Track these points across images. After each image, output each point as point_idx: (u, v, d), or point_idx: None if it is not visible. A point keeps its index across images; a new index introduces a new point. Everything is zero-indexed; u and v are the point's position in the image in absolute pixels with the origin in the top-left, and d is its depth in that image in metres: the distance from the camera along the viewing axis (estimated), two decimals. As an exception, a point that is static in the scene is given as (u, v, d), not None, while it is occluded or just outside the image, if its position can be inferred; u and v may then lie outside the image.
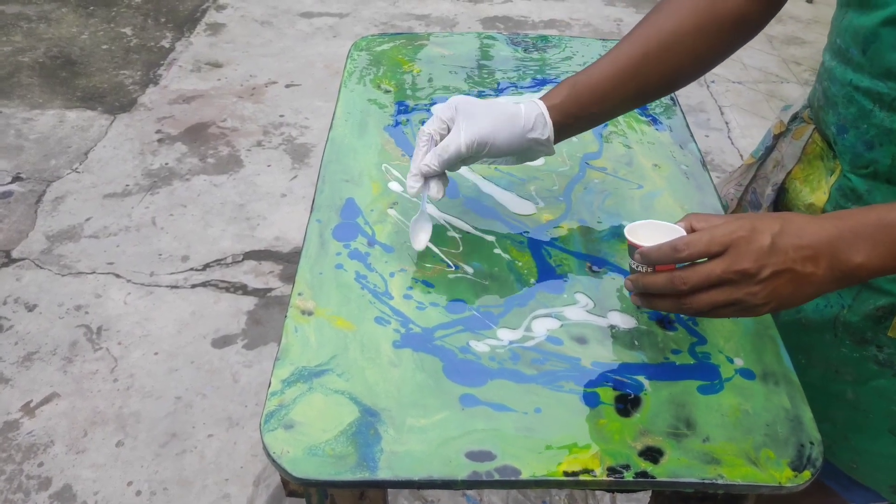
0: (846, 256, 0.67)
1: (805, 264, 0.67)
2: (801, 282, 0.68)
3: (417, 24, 3.68)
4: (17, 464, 1.73)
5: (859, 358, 0.88)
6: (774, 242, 0.67)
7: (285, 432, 0.72)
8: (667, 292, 0.71)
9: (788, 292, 0.68)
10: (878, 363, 0.87)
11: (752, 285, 0.68)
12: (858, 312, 0.87)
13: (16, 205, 2.50)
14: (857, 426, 0.92)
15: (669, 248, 0.70)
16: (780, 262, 0.67)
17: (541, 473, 0.70)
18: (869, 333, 0.87)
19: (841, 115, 0.85)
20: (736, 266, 0.67)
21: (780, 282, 0.67)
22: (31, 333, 2.05)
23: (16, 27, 3.52)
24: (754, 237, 0.67)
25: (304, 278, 0.89)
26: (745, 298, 0.68)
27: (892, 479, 0.94)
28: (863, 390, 0.90)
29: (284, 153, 2.77)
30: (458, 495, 1.60)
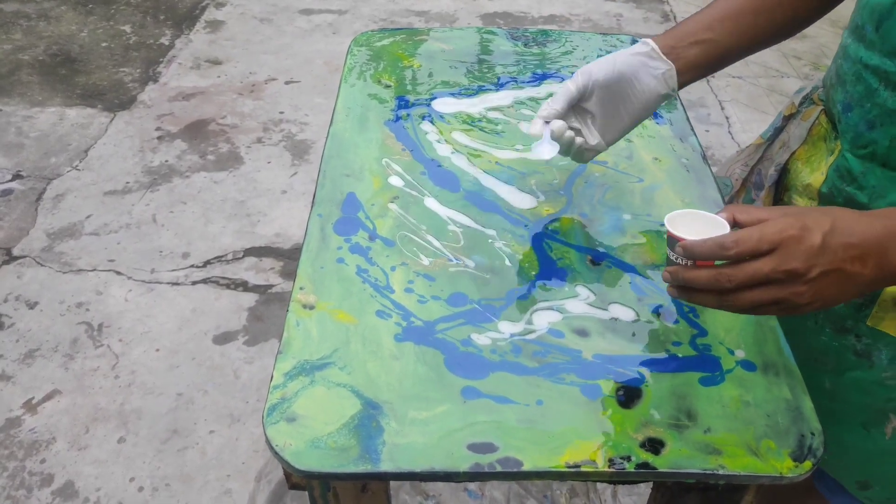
0: (894, 256, 0.66)
1: (854, 263, 0.66)
2: (847, 281, 0.67)
3: (417, 20, 3.68)
4: (19, 460, 1.73)
5: (839, 347, 0.88)
6: (825, 242, 0.65)
7: (288, 425, 0.72)
8: (710, 288, 0.69)
9: (834, 292, 0.67)
10: (856, 353, 0.87)
11: (800, 285, 0.66)
12: None
13: (16, 202, 2.50)
14: (833, 417, 0.91)
15: (716, 246, 0.67)
16: (830, 262, 0.65)
17: (543, 465, 0.70)
18: (849, 322, 0.87)
19: (848, 93, 0.84)
20: (785, 266, 0.65)
21: (827, 281, 0.66)
22: (32, 331, 2.05)
23: (15, 25, 3.52)
24: (805, 236, 0.65)
25: (305, 272, 0.89)
26: (790, 298, 0.67)
27: (859, 475, 0.94)
28: (840, 381, 0.90)
29: (284, 150, 2.77)
30: (460, 490, 1.60)
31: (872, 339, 0.85)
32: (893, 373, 0.85)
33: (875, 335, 0.85)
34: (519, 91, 1.25)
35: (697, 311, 0.86)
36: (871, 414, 0.89)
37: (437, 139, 1.12)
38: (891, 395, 0.87)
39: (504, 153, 1.11)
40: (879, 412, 0.89)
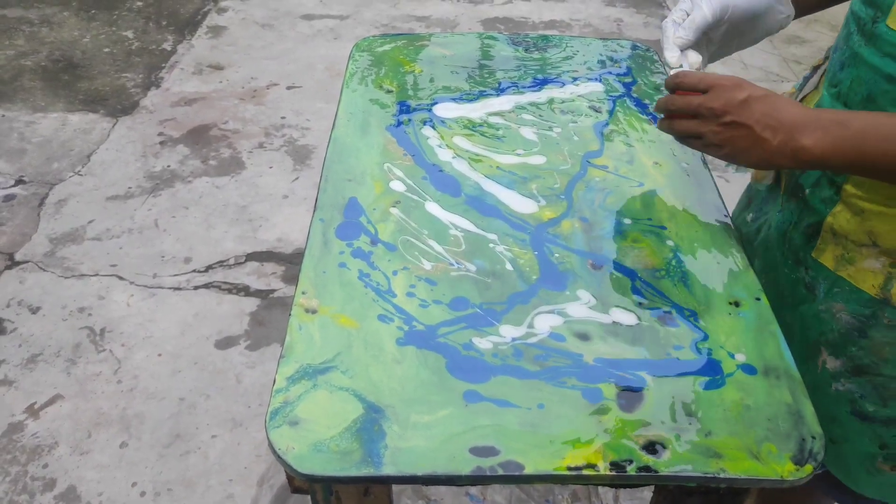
0: (798, 138, 0.78)
1: (764, 130, 0.79)
2: (755, 142, 0.80)
3: (418, 26, 3.69)
4: (21, 465, 1.73)
5: (795, 280, 0.97)
6: (748, 101, 0.80)
7: (290, 429, 0.73)
8: (662, 109, 0.89)
9: (743, 146, 0.81)
10: (806, 286, 0.95)
11: (715, 125, 0.82)
12: (798, 229, 0.95)
13: (19, 208, 2.50)
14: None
15: (672, 76, 0.88)
16: (744, 117, 0.80)
17: (544, 468, 0.70)
18: (801, 253, 0.95)
19: (839, 36, 0.92)
20: (708, 103, 0.82)
21: (738, 133, 0.81)
22: (34, 336, 2.05)
23: (18, 31, 3.53)
24: (734, 89, 0.81)
25: (307, 277, 0.90)
26: (707, 134, 0.83)
27: None
28: (794, 315, 0.97)
29: (286, 155, 2.78)
30: (462, 494, 1.60)
31: (815, 271, 0.93)
32: (827, 306, 0.92)
33: (817, 268, 0.93)
34: (520, 96, 1.25)
35: (699, 316, 0.87)
36: (809, 347, 0.96)
37: (439, 144, 1.13)
38: (823, 329, 0.93)
39: (505, 158, 1.11)
40: (813, 345, 0.95)
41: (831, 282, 0.91)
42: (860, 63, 0.85)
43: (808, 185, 0.94)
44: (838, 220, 0.89)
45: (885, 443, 0.94)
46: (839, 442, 0.97)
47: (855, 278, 0.89)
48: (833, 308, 0.91)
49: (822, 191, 0.91)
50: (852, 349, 0.91)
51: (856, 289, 0.89)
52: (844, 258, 0.89)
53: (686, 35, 0.95)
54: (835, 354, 0.93)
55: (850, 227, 0.88)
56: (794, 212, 0.96)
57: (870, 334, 0.89)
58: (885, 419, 0.92)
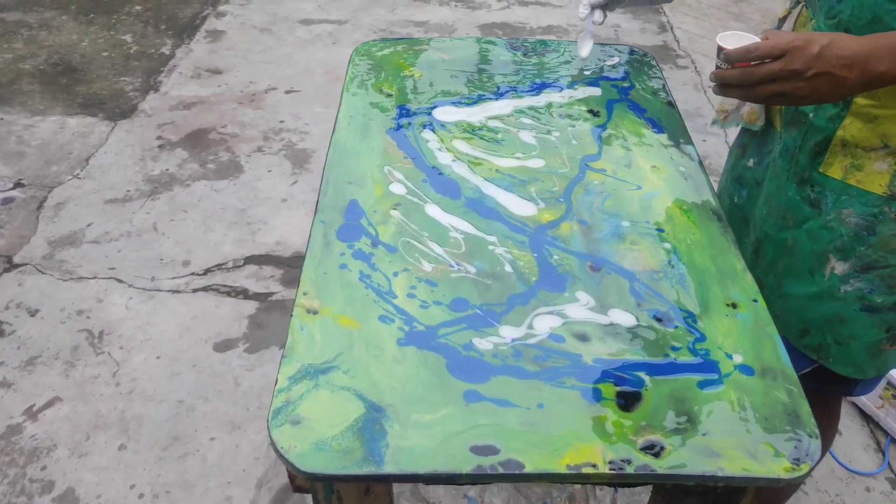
0: (873, 66, 0.86)
1: (842, 70, 0.86)
2: (837, 83, 0.87)
3: (416, 31, 3.70)
4: (20, 467, 1.73)
5: (799, 200, 1.07)
6: (822, 51, 0.86)
7: (292, 428, 0.73)
8: (739, 83, 0.92)
9: (827, 90, 0.88)
10: (811, 204, 1.05)
11: (800, 82, 0.88)
12: (805, 150, 1.04)
13: (17, 211, 2.51)
14: (790, 271, 1.10)
15: (744, 50, 0.91)
16: (823, 66, 0.86)
17: (544, 467, 0.71)
18: (807, 172, 1.05)
19: None
20: (790, 66, 0.87)
21: (821, 81, 0.87)
22: (33, 338, 2.05)
23: (17, 35, 3.54)
24: (807, 46, 0.87)
25: (309, 278, 0.91)
26: (792, 91, 0.89)
27: (800, 323, 1.11)
28: (798, 234, 1.08)
29: (285, 158, 2.79)
30: (460, 497, 1.61)
31: (822, 185, 1.03)
32: (836, 215, 1.03)
33: (824, 181, 1.03)
34: (519, 100, 1.26)
35: (696, 317, 0.88)
36: (816, 258, 1.06)
37: (438, 147, 1.14)
38: (832, 237, 1.04)
39: (504, 161, 1.12)
40: (822, 255, 1.05)
41: (839, 191, 1.02)
42: None
43: (810, 109, 1.03)
44: (849, 131, 0.99)
45: (891, 326, 1.06)
46: (846, 342, 1.08)
47: (863, 182, 1.00)
48: (842, 215, 1.02)
49: (825, 111, 1.01)
50: (860, 248, 1.02)
51: (863, 192, 1.00)
52: (853, 166, 1.00)
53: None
54: (844, 258, 1.04)
55: (861, 134, 0.98)
56: (797, 137, 1.05)
57: (878, 230, 1.00)
58: (892, 305, 1.05)
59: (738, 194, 1.24)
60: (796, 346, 1.12)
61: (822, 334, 1.09)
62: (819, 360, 1.11)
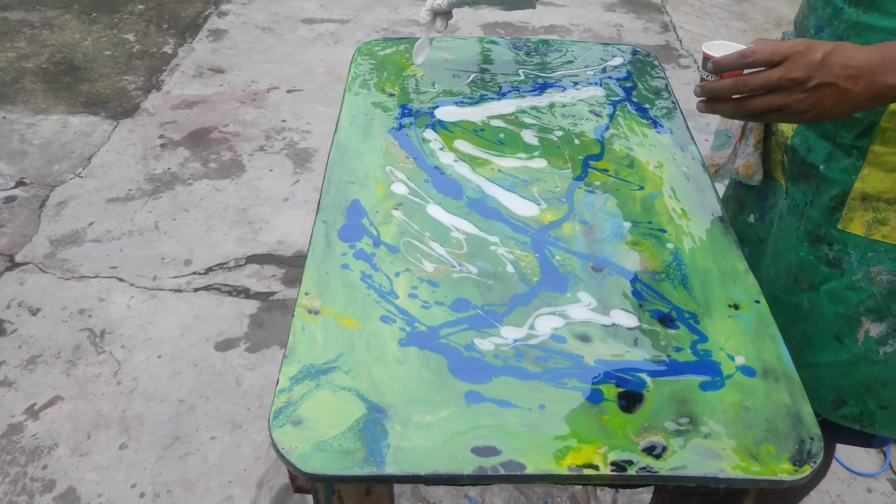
0: (882, 78, 0.78)
1: (847, 81, 0.78)
2: (841, 96, 0.79)
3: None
4: (21, 466, 1.73)
5: (814, 261, 0.98)
6: (825, 59, 0.78)
7: (293, 428, 0.73)
8: (730, 93, 0.83)
9: (830, 104, 0.80)
10: (829, 263, 0.97)
11: (800, 93, 0.79)
12: (817, 205, 0.97)
13: (19, 209, 2.51)
14: (808, 339, 1.00)
15: (738, 55, 0.82)
16: (827, 76, 0.78)
17: (545, 468, 0.71)
18: (823, 229, 0.97)
19: (819, 17, 0.94)
20: (790, 74, 0.79)
21: (824, 93, 0.79)
22: (34, 337, 2.05)
23: (19, 33, 3.54)
24: (809, 52, 0.78)
25: (310, 278, 0.90)
26: (792, 104, 0.80)
27: (834, 393, 1.01)
28: (815, 297, 0.99)
29: (286, 158, 2.79)
30: (461, 497, 1.61)
31: (842, 243, 0.95)
32: (863, 274, 0.94)
33: (844, 238, 0.95)
34: (521, 100, 1.26)
35: (698, 318, 0.87)
36: (844, 322, 0.97)
37: (441, 147, 1.14)
38: (861, 298, 0.95)
39: (506, 161, 1.12)
40: (851, 318, 0.97)
41: (864, 248, 0.94)
42: (864, 31, 0.87)
43: (819, 161, 0.96)
44: (869, 183, 0.91)
45: None
46: (892, 405, 0.99)
47: (891, 237, 0.92)
48: (870, 273, 0.94)
49: (838, 162, 0.94)
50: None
51: (892, 246, 0.92)
52: (876, 220, 0.92)
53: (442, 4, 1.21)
54: (879, 319, 0.95)
55: (883, 185, 0.90)
56: (808, 192, 0.98)
57: None
58: None
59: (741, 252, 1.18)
60: (831, 419, 1.03)
61: (862, 401, 1.00)
62: (863, 428, 1.02)
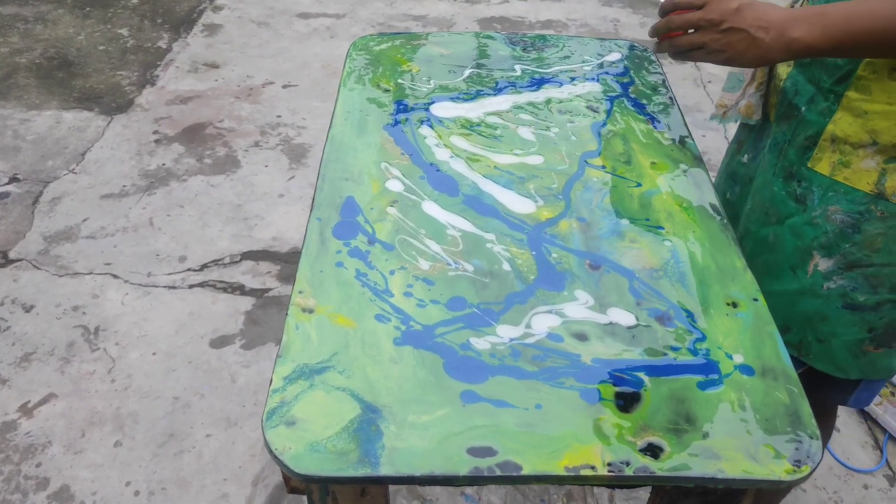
0: (788, 32, 0.90)
1: (758, 31, 0.91)
2: (752, 43, 0.92)
3: (415, 25, 3.68)
4: (14, 464, 1.72)
5: (784, 196, 1.07)
6: (740, 8, 0.92)
7: (287, 429, 0.72)
8: (664, 32, 1.00)
9: (741, 48, 0.93)
10: (796, 199, 1.05)
11: (716, 33, 0.94)
12: (794, 144, 1.05)
13: (13, 206, 2.49)
14: (769, 268, 1.10)
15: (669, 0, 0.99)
16: (739, 22, 0.92)
17: (542, 469, 0.70)
18: (795, 167, 1.05)
19: None
20: (707, 16, 0.94)
21: (735, 37, 0.93)
22: (28, 334, 2.04)
23: (12, 28, 3.51)
24: (725, 0, 0.93)
25: (304, 276, 0.89)
26: (709, 43, 0.95)
27: (781, 320, 1.04)
28: (780, 230, 1.08)
29: (282, 153, 2.77)
30: (457, 494, 1.60)
31: (809, 181, 1.03)
32: (822, 211, 1.02)
33: (811, 176, 1.03)
34: (518, 96, 1.25)
35: (696, 316, 0.87)
36: (799, 255, 1.06)
37: (436, 143, 1.13)
38: (816, 234, 1.04)
39: (503, 157, 1.11)
40: (805, 251, 1.05)
41: (826, 187, 1.02)
42: None
43: (802, 103, 1.04)
44: (839, 126, 0.98)
45: (873, 326, 1.05)
46: (827, 339, 1.08)
47: (850, 179, 0.99)
48: (828, 211, 1.02)
49: (817, 105, 1.01)
50: (845, 246, 1.02)
51: (850, 189, 1.00)
52: (841, 162, 1.00)
53: None
54: (828, 255, 1.03)
55: (851, 129, 0.98)
56: (788, 131, 1.06)
57: (863, 228, 1.00)
58: (874, 305, 1.04)
59: (731, 190, 1.23)
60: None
61: (803, 331, 1.09)
62: (800, 356, 1.11)
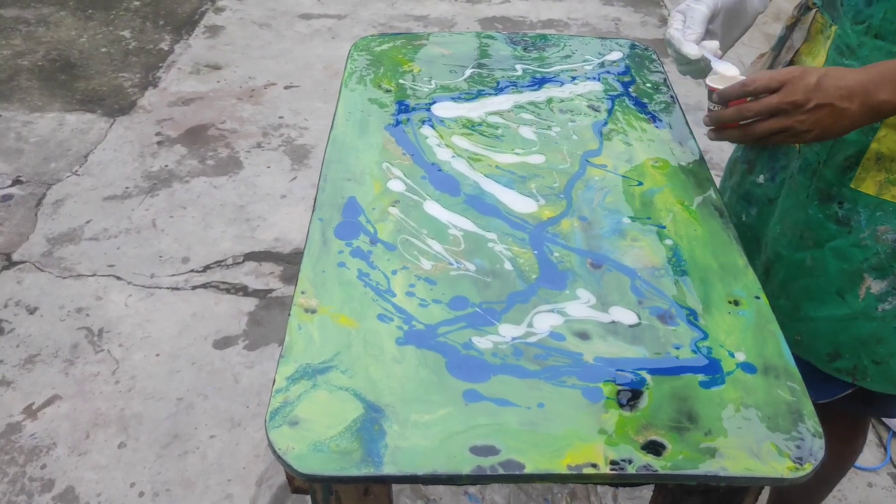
0: (874, 95, 0.85)
1: (843, 101, 0.85)
2: (839, 115, 0.86)
3: (416, 25, 3.68)
4: (19, 466, 1.73)
5: (822, 219, 1.02)
6: (820, 82, 0.86)
7: (290, 429, 0.73)
8: (735, 121, 0.92)
9: (829, 123, 0.86)
10: (838, 221, 1.00)
11: (801, 114, 0.86)
12: (831, 165, 0.99)
13: (16, 208, 2.50)
14: (809, 293, 1.05)
15: (739, 85, 0.91)
16: (823, 97, 0.85)
17: (544, 467, 0.70)
18: (834, 188, 1.00)
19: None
20: (789, 98, 0.86)
21: (822, 113, 0.86)
22: (32, 336, 2.05)
23: (15, 31, 3.52)
24: (805, 76, 0.86)
25: (307, 276, 0.90)
26: (794, 125, 0.87)
27: (829, 347, 1.05)
28: (819, 254, 1.03)
29: (284, 154, 2.78)
30: (461, 494, 1.60)
31: (853, 202, 0.99)
32: (870, 232, 0.98)
33: (856, 197, 0.98)
34: (519, 95, 1.25)
35: (698, 315, 0.87)
36: (847, 278, 1.01)
37: (438, 143, 1.13)
38: (866, 255, 0.99)
39: (504, 157, 1.11)
40: (855, 274, 1.01)
41: (873, 207, 0.97)
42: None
43: None
44: (885, 143, 0.94)
45: None
46: (885, 360, 1.03)
47: None
48: (877, 232, 0.98)
49: None
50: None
51: None
52: (888, 181, 0.96)
53: (695, 29, 1.04)
54: (881, 276, 0.99)
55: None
56: (822, 151, 1.00)
57: None
58: None
59: (747, 212, 1.17)
60: (825, 371, 1.06)
61: (857, 356, 1.04)
62: (855, 381, 1.05)
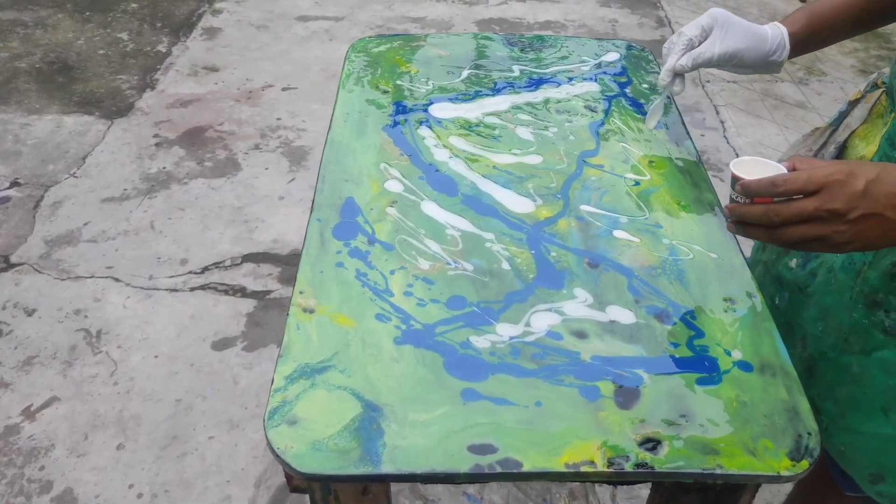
0: None
1: (895, 211, 0.70)
2: (888, 227, 0.71)
3: (413, 27, 3.69)
4: (18, 468, 1.73)
5: (868, 325, 0.90)
6: (868, 188, 0.70)
7: (289, 428, 0.73)
8: (761, 223, 0.75)
9: (875, 235, 0.72)
10: (885, 331, 0.88)
11: (840, 224, 0.71)
12: (877, 268, 0.88)
13: (14, 210, 2.50)
14: (856, 404, 0.93)
15: (769, 183, 0.74)
16: (871, 207, 0.70)
17: (542, 466, 0.71)
18: (881, 294, 0.88)
19: None
20: (828, 205, 0.71)
21: (867, 225, 0.71)
22: (30, 338, 2.05)
23: (12, 33, 3.52)
24: (850, 181, 0.71)
25: (305, 277, 0.90)
26: (831, 236, 0.72)
27: (873, 466, 0.94)
28: (867, 362, 0.91)
29: (282, 156, 2.78)
30: (459, 494, 1.60)
31: None
32: None
33: None
34: (516, 96, 1.26)
35: (695, 313, 0.87)
36: (893, 395, 0.89)
37: (435, 144, 1.13)
38: None
39: (501, 157, 1.12)
40: None
41: None
42: None
43: None
44: None
45: None
46: None
47: None
48: None
49: None
50: None
51: None
52: None
53: (687, 65, 1.00)
54: None
55: None
56: (869, 253, 0.89)
57: None
58: None
59: (780, 296, 1.06)
60: (867, 492, 0.97)
61: None
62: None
